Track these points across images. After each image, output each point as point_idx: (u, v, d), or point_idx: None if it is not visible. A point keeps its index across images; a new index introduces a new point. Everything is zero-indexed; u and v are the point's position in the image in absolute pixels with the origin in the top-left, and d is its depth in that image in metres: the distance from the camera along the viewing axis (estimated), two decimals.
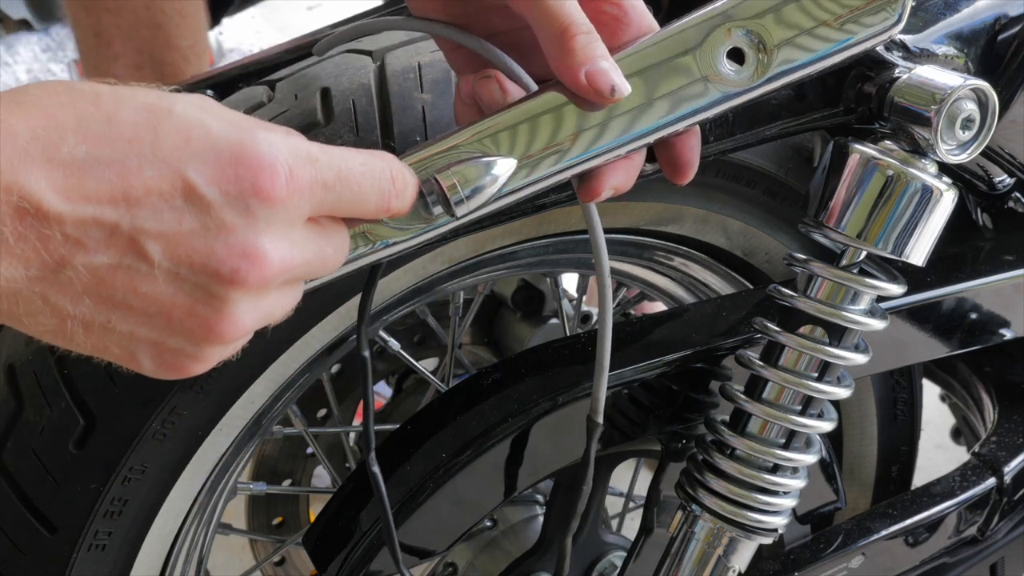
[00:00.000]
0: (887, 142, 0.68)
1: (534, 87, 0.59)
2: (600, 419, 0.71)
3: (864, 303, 0.73)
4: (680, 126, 0.59)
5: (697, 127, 0.61)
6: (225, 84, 0.86)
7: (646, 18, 0.60)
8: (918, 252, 0.69)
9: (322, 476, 1.52)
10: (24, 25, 3.00)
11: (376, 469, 0.70)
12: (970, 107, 0.65)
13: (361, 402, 1.49)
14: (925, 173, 0.67)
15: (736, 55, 0.59)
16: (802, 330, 0.73)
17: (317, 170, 0.47)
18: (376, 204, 0.51)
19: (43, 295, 0.44)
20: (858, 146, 0.68)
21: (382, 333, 1.01)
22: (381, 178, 0.51)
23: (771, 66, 0.60)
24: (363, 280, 0.65)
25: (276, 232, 0.46)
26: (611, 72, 0.55)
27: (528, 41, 0.58)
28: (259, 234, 0.46)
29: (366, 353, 0.67)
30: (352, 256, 0.55)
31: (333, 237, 0.51)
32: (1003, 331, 0.97)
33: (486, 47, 0.60)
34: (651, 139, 0.59)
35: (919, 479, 1.07)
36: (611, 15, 0.59)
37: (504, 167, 0.55)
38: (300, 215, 0.47)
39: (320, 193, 0.48)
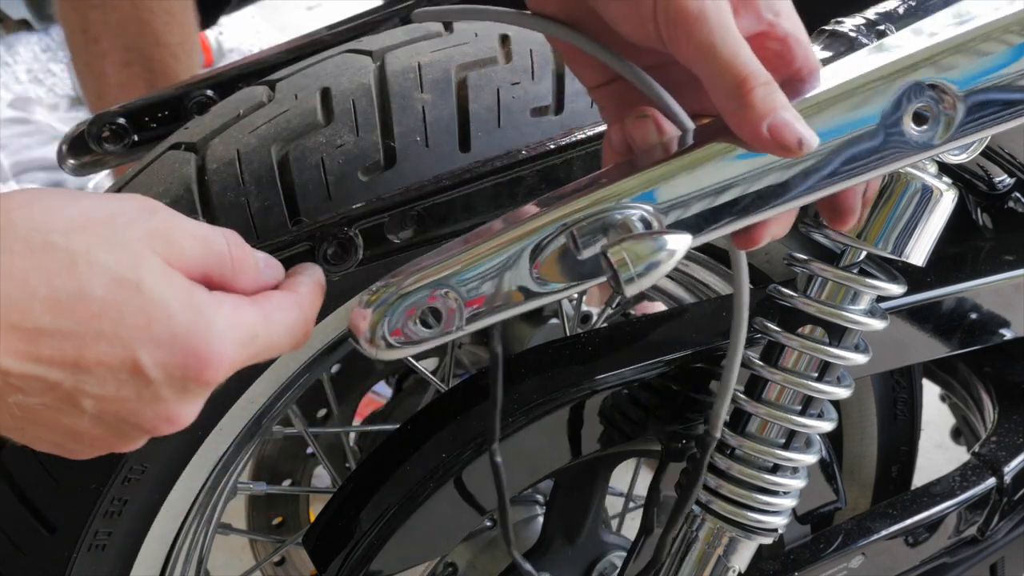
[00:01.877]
0: None
1: (691, 126, 0.56)
2: (717, 433, 0.73)
3: (864, 303, 0.73)
4: (855, 182, 0.56)
5: None
6: (225, 84, 0.86)
7: (811, 55, 0.56)
8: (918, 252, 0.69)
9: (322, 476, 1.52)
10: (24, 25, 3.00)
11: (499, 459, 0.70)
12: None
13: (361, 402, 1.49)
14: (925, 173, 0.67)
15: (920, 113, 0.56)
16: (802, 330, 0.73)
17: (252, 349, 0.51)
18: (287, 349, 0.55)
19: None
20: None
21: None
22: (299, 336, 0.55)
23: (955, 126, 0.56)
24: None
25: (198, 398, 0.51)
26: (796, 124, 0.51)
27: (676, 78, 0.56)
28: (187, 405, 0.50)
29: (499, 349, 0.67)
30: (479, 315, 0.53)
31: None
32: (1003, 331, 0.97)
33: (645, 80, 0.56)
34: (828, 193, 0.55)
35: (919, 479, 1.07)
36: (774, 51, 0.55)
37: (679, 244, 0.51)
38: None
39: (246, 361, 0.52)
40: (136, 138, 0.87)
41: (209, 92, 0.86)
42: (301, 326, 0.55)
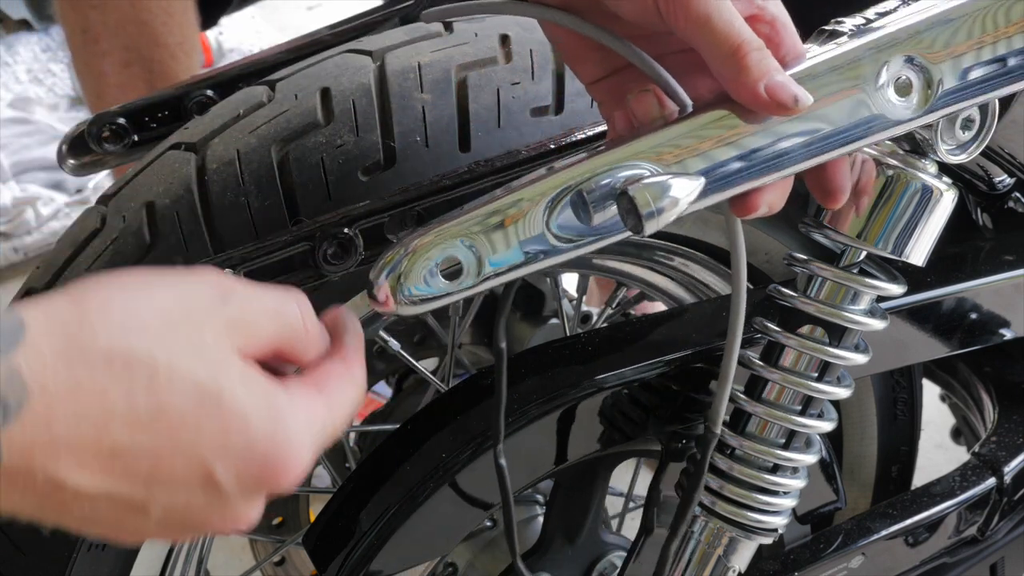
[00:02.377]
0: (887, 142, 0.68)
1: (689, 103, 0.59)
2: (718, 429, 0.73)
3: (864, 303, 0.73)
4: (844, 152, 0.59)
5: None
6: (225, 84, 0.86)
7: (796, 40, 0.59)
8: (918, 252, 0.69)
9: (322, 476, 1.52)
10: (24, 25, 3.00)
11: (503, 461, 0.72)
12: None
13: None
14: (925, 173, 0.67)
15: (903, 83, 0.59)
16: (802, 330, 0.73)
17: (322, 440, 0.51)
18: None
19: (24, 513, 0.45)
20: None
21: (382, 333, 1.01)
22: (355, 410, 0.54)
23: (934, 99, 0.59)
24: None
25: (263, 501, 0.50)
26: (790, 84, 0.54)
27: (674, 66, 0.58)
28: (254, 508, 0.49)
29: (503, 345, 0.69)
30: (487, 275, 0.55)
31: None
32: (1003, 331, 0.97)
33: (645, 60, 0.59)
34: (818, 162, 0.58)
35: (919, 479, 1.07)
36: (764, 34, 0.58)
37: (692, 186, 0.54)
38: None
39: (316, 455, 0.51)
40: (136, 138, 0.87)
41: (209, 92, 0.86)
42: (358, 399, 0.54)
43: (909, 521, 0.95)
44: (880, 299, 0.74)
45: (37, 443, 0.42)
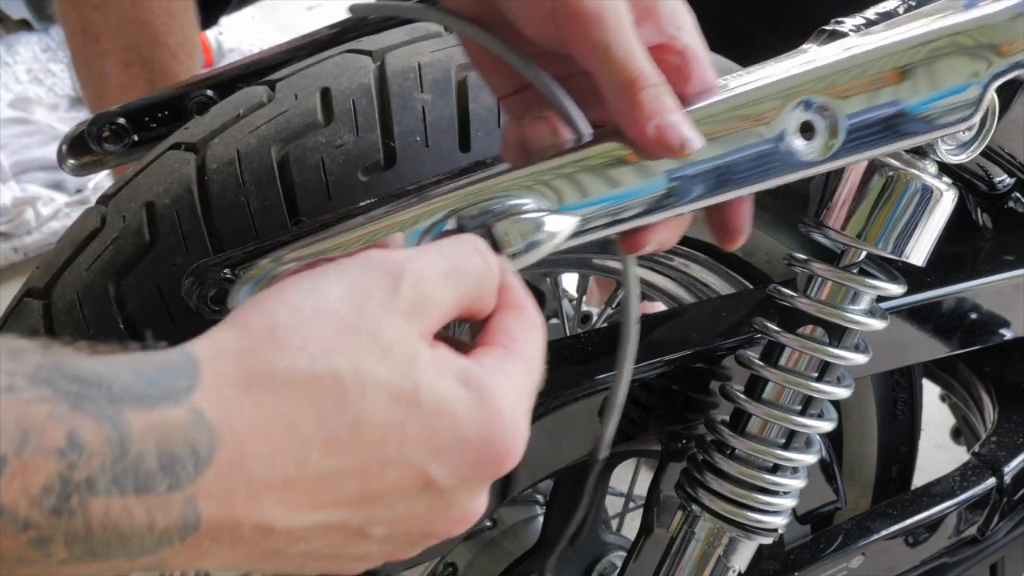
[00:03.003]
0: None
1: (587, 131, 0.57)
2: (602, 455, 0.72)
3: (864, 303, 0.73)
4: (741, 192, 0.57)
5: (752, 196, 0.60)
6: (225, 84, 0.86)
7: (708, 72, 0.57)
8: (918, 252, 0.69)
9: None
10: (24, 25, 3.00)
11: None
12: None
13: None
14: (925, 173, 0.67)
15: (806, 127, 0.57)
16: (802, 330, 0.73)
17: (530, 401, 0.47)
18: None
19: (240, 566, 0.42)
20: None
21: None
22: (544, 355, 0.50)
23: (838, 144, 0.58)
24: None
25: (488, 488, 0.46)
26: (682, 125, 0.52)
27: (580, 88, 0.56)
28: (481, 498, 0.46)
29: None
30: None
31: None
32: (1003, 331, 0.97)
33: (546, 82, 0.57)
34: (711, 202, 0.57)
35: (919, 479, 1.07)
36: (673, 64, 0.56)
37: (565, 224, 0.53)
38: None
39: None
40: (136, 138, 0.87)
41: (209, 92, 0.86)
42: (544, 343, 0.49)
43: (909, 521, 0.95)
44: (880, 299, 0.75)
45: (236, 489, 0.38)
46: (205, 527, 0.38)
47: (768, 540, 0.80)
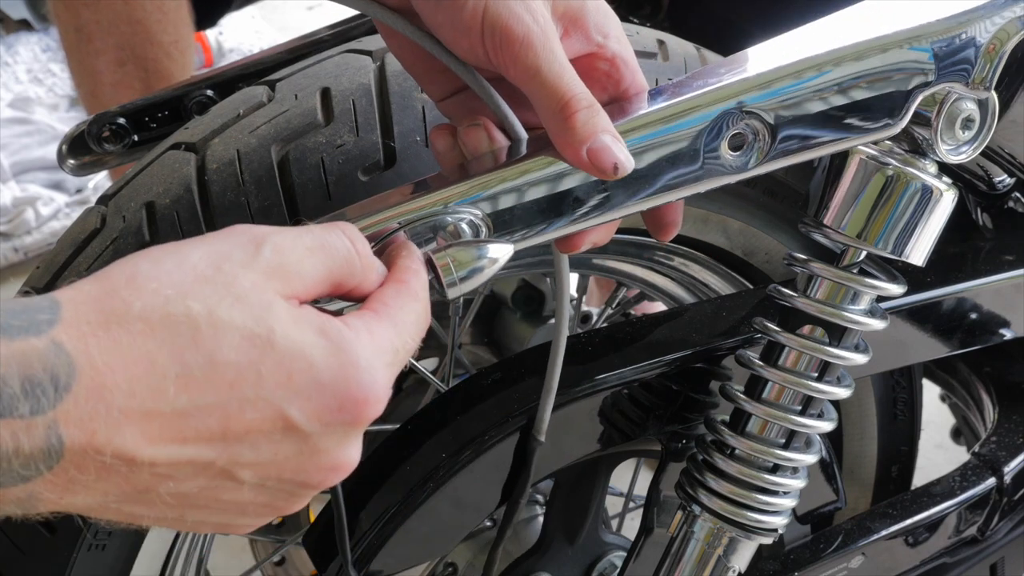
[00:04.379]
0: (887, 142, 0.68)
1: (523, 136, 0.58)
2: (542, 437, 0.73)
3: (864, 303, 0.73)
4: (672, 198, 0.59)
5: None
6: (225, 84, 0.86)
7: (638, 76, 0.59)
8: (918, 252, 0.69)
9: None
10: (24, 25, 3.01)
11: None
12: (970, 107, 0.65)
13: None
14: (925, 173, 0.67)
15: (736, 138, 0.59)
16: (802, 330, 0.73)
17: (396, 363, 0.48)
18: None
19: (118, 509, 0.44)
20: (859, 146, 0.68)
21: None
22: (425, 324, 0.51)
23: (767, 151, 0.60)
24: None
25: (359, 439, 0.48)
26: (614, 148, 0.53)
27: (514, 90, 0.57)
28: (349, 448, 0.47)
29: None
30: None
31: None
32: (1003, 331, 0.97)
33: (484, 86, 0.58)
34: (643, 208, 0.59)
35: (919, 479, 1.07)
36: (603, 71, 0.58)
37: (502, 252, 0.54)
38: None
39: (393, 379, 0.49)
40: (136, 138, 0.87)
41: (209, 92, 0.86)
42: (424, 317, 0.51)
43: (909, 521, 0.95)
44: (880, 299, 0.75)
45: (96, 416, 0.40)
46: (68, 453, 0.40)
47: (768, 540, 0.80)
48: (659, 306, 1.12)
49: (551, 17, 0.55)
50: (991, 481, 0.99)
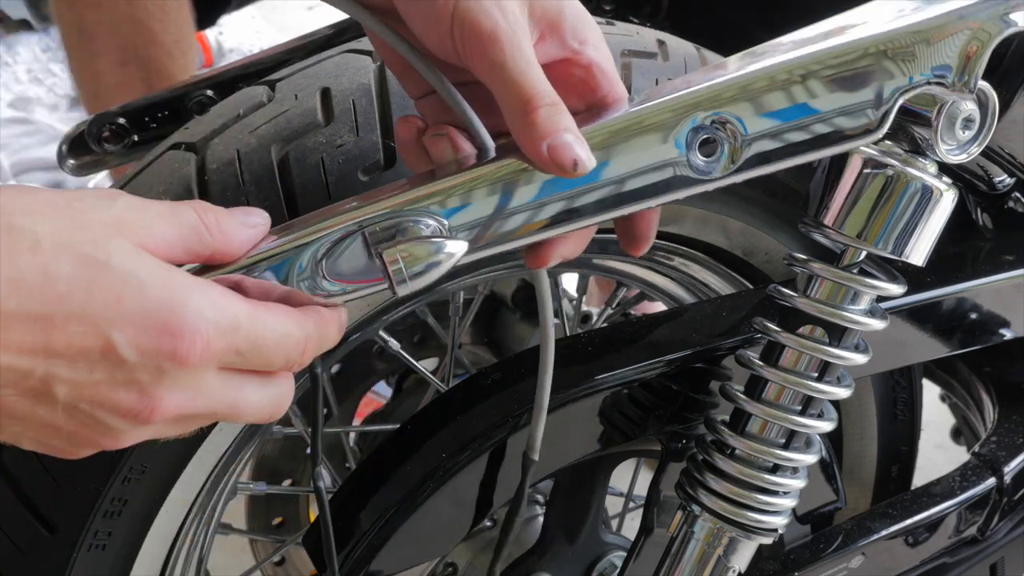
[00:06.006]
0: (887, 142, 0.68)
1: (490, 144, 0.58)
2: (536, 456, 0.72)
3: (864, 303, 0.73)
4: (641, 207, 0.58)
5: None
6: (225, 84, 0.86)
7: (616, 85, 0.58)
8: (918, 252, 0.69)
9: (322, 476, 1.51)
10: (24, 25, 3.01)
11: (322, 484, 0.73)
12: (970, 107, 0.65)
13: (361, 402, 1.49)
14: (925, 173, 0.67)
15: (708, 144, 0.58)
16: (802, 330, 0.73)
17: (234, 339, 0.49)
18: (281, 368, 0.52)
19: None
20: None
21: (382, 333, 1.01)
22: (292, 351, 0.52)
23: (740, 160, 0.58)
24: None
25: (179, 385, 0.48)
26: (575, 146, 0.53)
27: (483, 95, 0.57)
28: (163, 387, 0.48)
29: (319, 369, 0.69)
30: None
31: (263, 387, 0.52)
32: (1003, 331, 0.97)
33: (451, 92, 0.58)
34: (610, 217, 0.57)
35: (919, 479, 1.07)
36: (579, 78, 0.58)
37: (455, 248, 0.53)
38: (207, 371, 0.49)
39: (231, 356, 0.49)
40: (136, 138, 0.87)
41: (209, 92, 0.86)
42: (294, 343, 0.52)
43: (909, 521, 0.95)
44: (880, 299, 0.74)
45: None
46: None
47: (768, 540, 0.80)
48: (659, 306, 1.12)
49: (527, 19, 0.55)
50: (991, 481, 0.99)
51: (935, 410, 1.34)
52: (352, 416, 1.46)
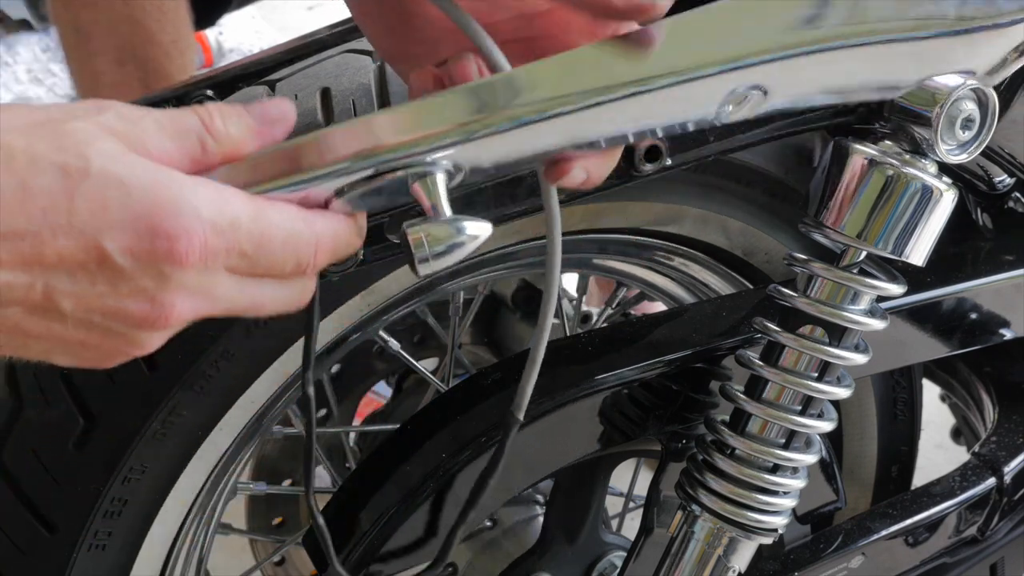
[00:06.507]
0: (887, 142, 0.68)
1: (508, 68, 0.55)
2: (521, 416, 0.68)
3: (864, 303, 0.73)
4: (667, 130, 0.56)
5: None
6: (225, 84, 0.86)
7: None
8: (918, 252, 0.69)
9: (322, 476, 1.52)
10: (24, 25, 3.00)
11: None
12: (970, 107, 0.65)
13: (361, 402, 1.49)
14: (925, 173, 0.67)
15: (738, 98, 0.56)
16: (802, 330, 0.73)
17: (236, 237, 0.46)
18: (292, 272, 0.50)
19: None
20: (858, 146, 0.68)
21: (382, 333, 1.01)
22: (303, 250, 0.49)
23: (760, 108, 0.57)
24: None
25: (188, 288, 0.46)
26: None
27: (498, 37, 0.55)
28: (170, 291, 0.46)
29: (311, 390, 0.66)
30: None
31: (281, 287, 0.50)
32: (1003, 331, 0.97)
33: (471, 24, 0.55)
34: (631, 132, 0.55)
35: (919, 479, 1.07)
36: None
37: (480, 229, 0.51)
38: (216, 273, 0.47)
39: (235, 259, 0.47)
40: None
41: (209, 92, 0.86)
42: (305, 242, 0.49)
43: (909, 521, 0.95)
44: (880, 299, 0.74)
45: None
46: None
47: (768, 540, 0.80)
48: (659, 306, 1.12)
49: None
50: (991, 481, 0.99)
51: (935, 410, 1.34)
52: (352, 416, 1.46)
